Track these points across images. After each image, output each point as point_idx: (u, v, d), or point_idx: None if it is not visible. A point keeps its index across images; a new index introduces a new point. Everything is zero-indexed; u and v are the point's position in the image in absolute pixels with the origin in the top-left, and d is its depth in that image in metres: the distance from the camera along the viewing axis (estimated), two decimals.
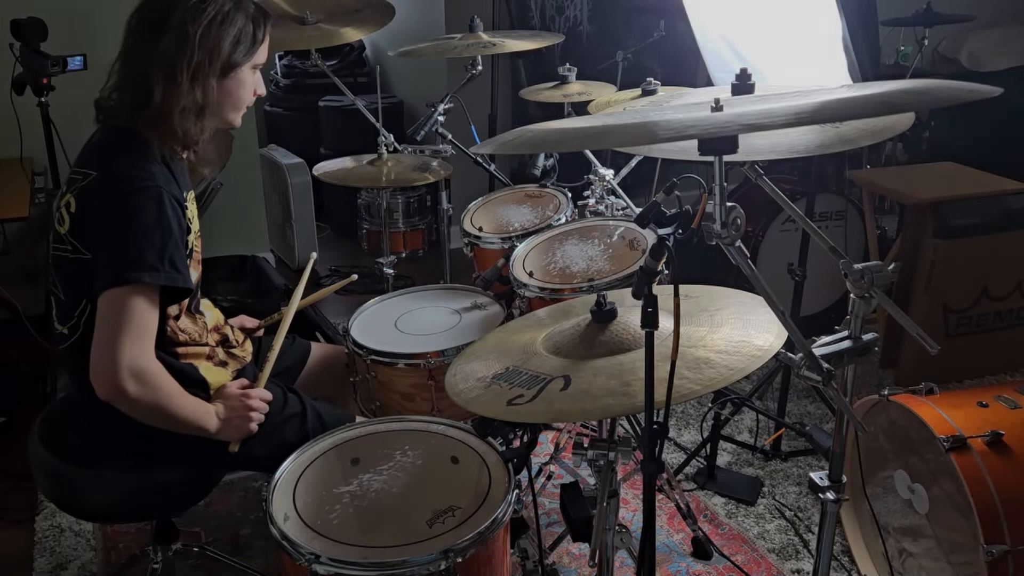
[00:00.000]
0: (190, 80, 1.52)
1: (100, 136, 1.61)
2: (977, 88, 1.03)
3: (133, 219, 1.46)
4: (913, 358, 2.99)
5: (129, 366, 1.44)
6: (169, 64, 1.51)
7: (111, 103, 1.58)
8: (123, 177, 1.49)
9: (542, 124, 1.33)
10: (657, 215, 1.19)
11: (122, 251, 1.46)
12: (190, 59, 1.51)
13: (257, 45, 1.62)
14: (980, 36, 4.62)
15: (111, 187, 1.50)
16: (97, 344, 1.46)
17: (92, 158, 1.57)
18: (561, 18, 4.35)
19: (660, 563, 2.21)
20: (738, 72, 1.35)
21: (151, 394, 1.48)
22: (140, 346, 1.46)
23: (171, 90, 1.51)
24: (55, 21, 2.76)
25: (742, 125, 1.03)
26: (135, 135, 1.53)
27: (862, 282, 1.21)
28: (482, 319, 2.07)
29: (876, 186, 3.18)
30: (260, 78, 1.68)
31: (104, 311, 1.46)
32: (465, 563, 1.29)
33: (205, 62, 1.53)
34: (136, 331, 1.45)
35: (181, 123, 1.53)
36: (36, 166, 3.10)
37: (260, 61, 1.65)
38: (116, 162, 1.53)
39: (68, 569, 2.22)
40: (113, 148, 1.56)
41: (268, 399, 1.69)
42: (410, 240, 4.06)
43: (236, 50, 1.57)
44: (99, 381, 1.46)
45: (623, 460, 1.39)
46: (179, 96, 1.51)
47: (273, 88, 5.02)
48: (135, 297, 1.45)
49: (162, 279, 1.47)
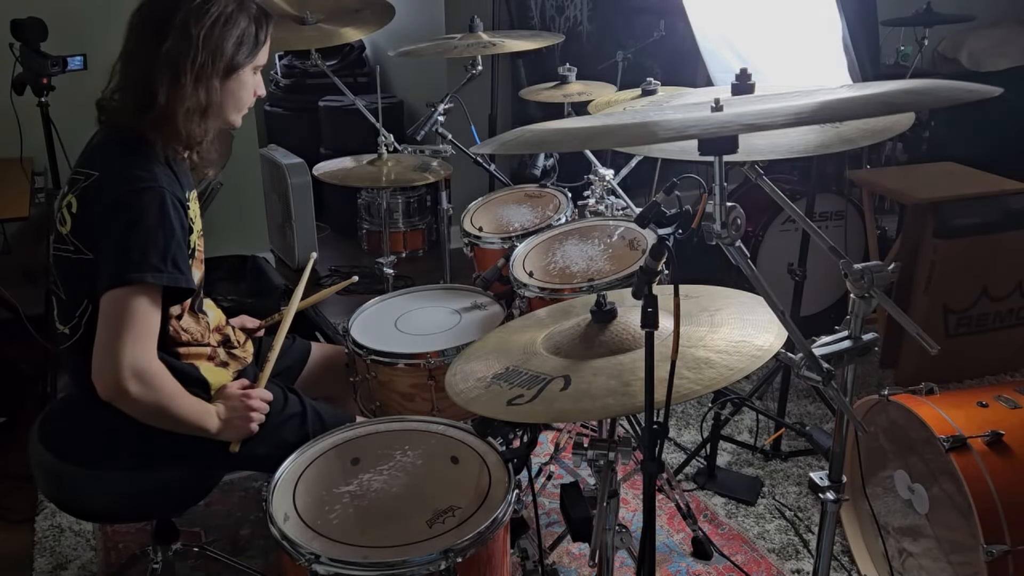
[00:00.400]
0: (194, 81, 1.52)
1: (102, 136, 1.61)
2: (977, 88, 1.03)
3: (136, 220, 1.46)
4: (913, 358, 2.99)
5: (131, 367, 1.44)
6: (172, 65, 1.51)
7: (113, 104, 1.57)
8: (126, 178, 1.49)
9: (542, 124, 1.33)
10: (657, 215, 1.19)
11: (125, 252, 1.46)
12: (194, 60, 1.51)
13: (259, 47, 1.62)
14: (980, 36, 4.62)
15: (114, 187, 1.50)
16: (99, 344, 1.46)
17: (94, 158, 1.57)
18: (561, 18, 4.35)
19: (660, 563, 2.21)
20: (738, 72, 1.35)
21: (153, 394, 1.48)
22: (142, 347, 1.46)
23: (175, 91, 1.51)
24: (55, 21, 2.76)
25: (742, 125, 1.03)
26: (138, 136, 1.53)
27: (862, 282, 1.21)
28: (482, 319, 2.07)
29: (876, 186, 3.18)
30: (260, 79, 1.68)
31: (107, 311, 1.46)
32: (465, 563, 1.29)
33: (208, 63, 1.53)
34: (138, 332, 1.45)
35: (185, 124, 1.53)
36: (36, 166, 3.10)
37: (261, 62, 1.65)
38: (119, 163, 1.53)
39: (68, 569, 2.22)
40: (115, 149, 1.56)
41: (268, 399, 1.69)
42: (410, 240, 4.07)
43: (239, 51, 1.57)
44: (101, 381, 1.46)
45: (623, 460, 1.39)
46: (183, 97, 1.51)
47: (273, 88, 5.02)
48: (138, 298, 1.45)
49: (165, 280, 1.47)
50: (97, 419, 1.60)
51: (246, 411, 1.63)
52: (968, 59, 4.61)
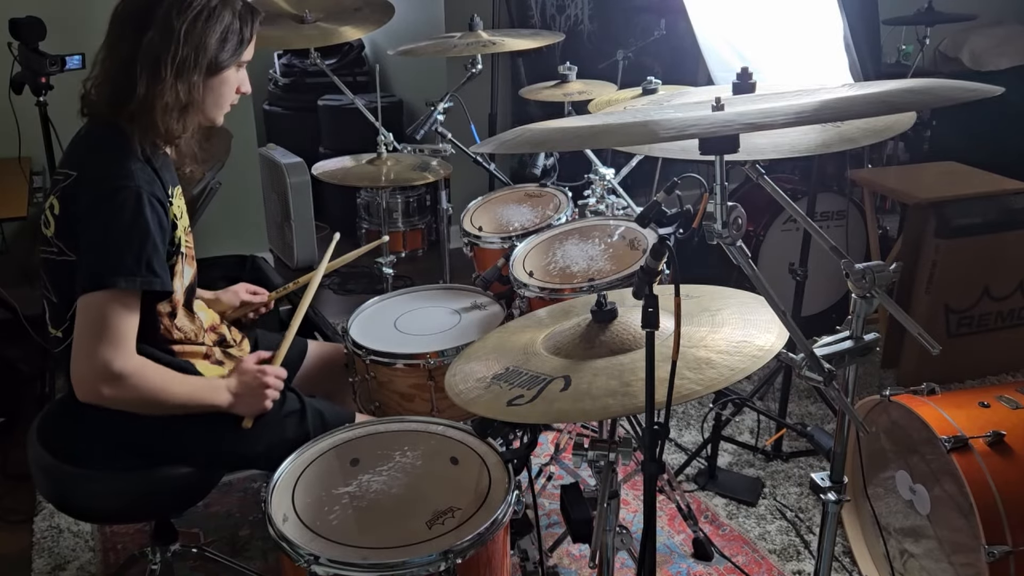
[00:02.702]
0: (174, 76, 1.49)
1: (83, 132, 1.59)
2: (978, 87, 1.02)
3: (110, 221, 1.45)
4: (914, 358, 2.98)
5: (105, 371, 1.44)
6: (153, 59, 1.48)
7: (93, 96, 1.56)
8: (101, 177, 1.48)
9: (542, 123, 1.33)
10: (658, 215, 1.18)
11: (99, 254, 1.45)
12: (175, 55, 1.49)
13: (244, 44, 1.59)
14: (982, 35, 4.61)
15: (90, 188, 1.48)
16: (76, 349, 1.46)
17: (73, 157, 1.56)
18: (561, 17, 4.35)
19: (661, 564, 2.20)
20: (739, 71, 1.34)
21: (132, 393, 1.47)
22: (115, 351, 1.45)
23: (154, 85, 1.48)
24: (54, 20, 2.75)
25: (743, 125, 1.02)
26: (116, 129, 1.51)
27: (863, 282, 1.21)
28: (482, 319, 2.06)
29: (877, 186, 3.17)
30: (245, 75, 1.65)
31: (81, 316, 1.45)
32: (465, 564, 1.29)
33: (190, 59, 1.50)
34: (111, 336, 1.44)
35: (163, 119, 1.50)
36: (34, 165, 3.10)
37: (246, 59, 1.62)
38: (95, 161, 1.51)
39: (67, 570, 2.22)
40: (92, 145, 1.54)
41: (283, 376, 1.66)
42: (410, 240, 4.06)
43: (223, 48, 1.54)
44: (77, 385, 1.47)
45: (623, 461, 1.39)
46: (162, 92, 1.49)
47: (272, 87, 5.01)
48: (111, 303, 1.44)
49: (138, 284, 1.46)
50: (96, 419, 1.59)
51: (261, 387, 1.61)
52: (969, 58, 4.60)
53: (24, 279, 3.01)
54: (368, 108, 2.90)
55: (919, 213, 2.97)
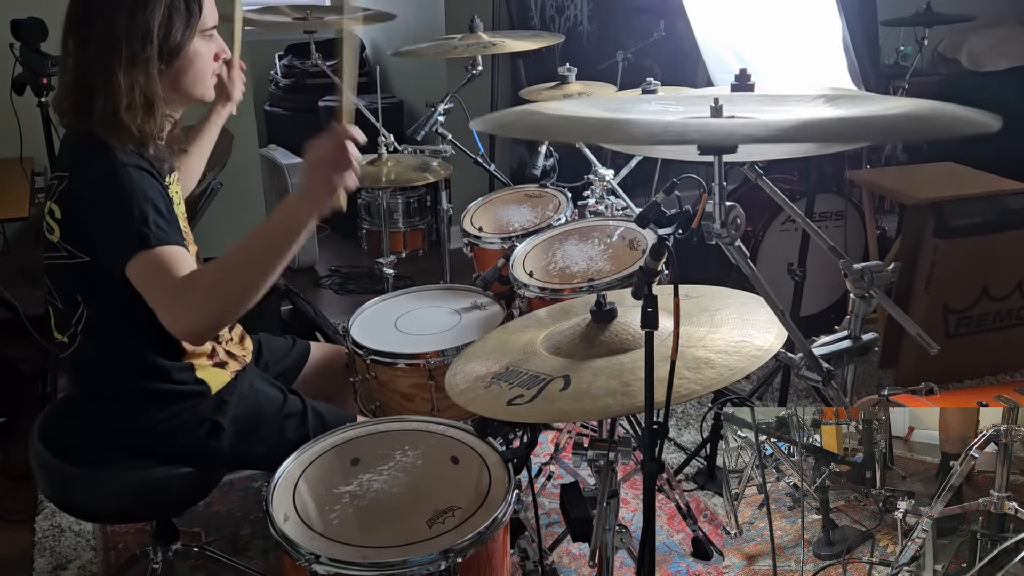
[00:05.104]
0: (128, 76, 1.43)
1: (66, 136, 1.57)
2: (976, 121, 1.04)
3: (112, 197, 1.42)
4: (913, 358, 2.98)
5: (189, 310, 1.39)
6: (103, 64, 1.43)
7: (61, 109, 1.52)
8: (92, 169, 1.45)
9: (547, 106, 1.27)
10: (657, 215, 1.19)
11: (117, 229, 1.41)
12: (121, 55, 1.43)
13: (196, 16, 1.50)
14: (980, 36, 4.61)
15: (88, 181, 1.46)
16: (160, 317, 1.39)
17: (63, 161, 1.54)
18: (561, 18, 4.35)
19: (660, 563, 2.20)
20: (738, 72, 1.35)
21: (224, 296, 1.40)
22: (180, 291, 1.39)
23: (111, 92, 1.43)
24: (55, 21, 2.75)
25: (744, 136, 1.02)
26: (95, 135, 1.47)
27: (862, 282, 1.22)
28: (482, 319, 2.07)
29: (876, 186, 3.17)
30: (219, 40, 1.58)
31: (140, 287, 1.40)
32: (465, 563, 1.29)
33: (140, 53, 1.44)
34: (169, 285, 1.39)
35: (131, 121, 1.44)
36: (36, 166, 3.10)
37: (208, 25, 1.54)
38: (83, 158, 1.48)
39: (68, 569, 2.22)
40: (79, 146, 1.51)
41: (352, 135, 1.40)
42: (410, 240, 4.06)
43: (172, 29, 1.46)
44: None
45: (623, 460, 1.39)
46: (119, 95, 1.43)
47: (273, 88, 5.01)
48: (149, 262, 1.40)
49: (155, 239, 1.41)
50: (97, 419, 1.60)
51: (332, 163, 1.37)
52: (968, 59, 4.60)
53: (25, 279, 3.02)
54: (369, 109, 2.90)
55: (918, 213, 2.97)
